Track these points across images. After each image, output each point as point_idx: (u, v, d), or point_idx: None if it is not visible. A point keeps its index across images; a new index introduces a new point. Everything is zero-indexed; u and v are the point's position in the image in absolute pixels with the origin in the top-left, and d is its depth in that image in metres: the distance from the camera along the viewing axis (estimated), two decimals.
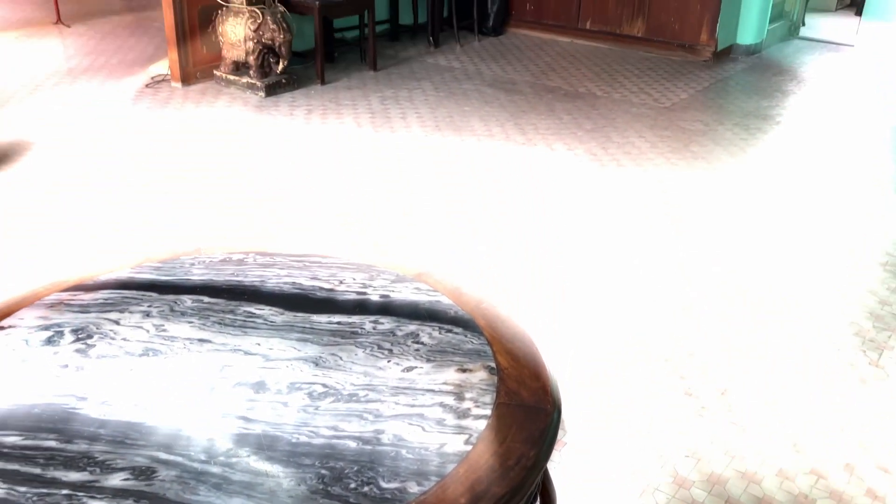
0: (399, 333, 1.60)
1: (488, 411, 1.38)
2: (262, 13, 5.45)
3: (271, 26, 5.45)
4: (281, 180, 4.28)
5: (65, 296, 1.67)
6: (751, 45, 6.98)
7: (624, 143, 4.93)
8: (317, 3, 5.75)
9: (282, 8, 5.60)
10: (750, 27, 6.93)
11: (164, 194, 4.05)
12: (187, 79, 5.72)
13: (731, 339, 2.95)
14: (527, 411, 1.41)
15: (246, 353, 1.51)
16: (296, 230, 3.74)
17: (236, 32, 5.55)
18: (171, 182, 4.20)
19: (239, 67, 5.76)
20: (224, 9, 5.58)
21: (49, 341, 1.52)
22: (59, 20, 7.20)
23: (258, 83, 5.60)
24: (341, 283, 1.78)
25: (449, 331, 1.62)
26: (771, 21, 7.11)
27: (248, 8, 5.45)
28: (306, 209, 3.95)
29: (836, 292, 3.30)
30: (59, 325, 1.57)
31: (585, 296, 3.25)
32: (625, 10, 7.06)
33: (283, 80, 5.71)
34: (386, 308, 1.69)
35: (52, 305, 1.63)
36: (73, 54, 6.42)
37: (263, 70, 5.63)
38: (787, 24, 7.56)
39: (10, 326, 1.56)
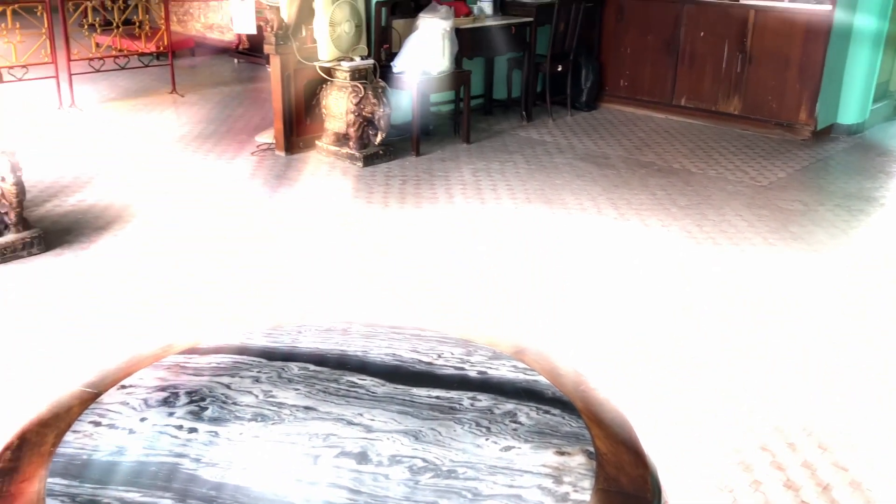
0: (497, 412, 1.61)
1: (587, 497, 1.37)
2: (364, 88, 5.69)
3: (372, 100, 5.68)
4: (376, 249, 4.40)
5: (180, 359, 1.76)
6: (853, 125, 6.83)
7: (720, 221, 4.86)
8: (415, 79, 5.97)
9: (382, 83, 5.84)
10: (852, 106, 6.79)
11: (268, 260, 4.22)
12: (291, 148, 6.00)
13: (842, 415, 2.83)
14: (626, 499, 1.40)
15: (349, 422, 1.55)
16: (391, 299, 3.82)
17: (339, 106, 5.80)
18: (276, 248, 4.38)
19: (339, 139, 6.01)
20: (328, 83, 5.86)
21: (165, 402, 1.61)
22: (174, 90, 7.69)
23: (357, 154, 5.81)
24: (440, 356, 1.81)
25: (547, 412, 1.62)
26: (875, 101, 6.95)
27: (351, 83, 5.71)
28: (401, 277, 4.04)
29: None
30: (174, 387, 1.65)
31: (686, 378, 3.18)
32: (721, 87, 7.05)
33: (381, 152, 5.91)
34: (484, 385, 1.71)
35: (168, 367, 1.73)
36: (186, 122, 6.83)
37: (362, 141, 5.84)
38: (891, 104, 7.37)
39: (130, 386, 1.66)
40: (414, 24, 6.15)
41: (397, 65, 6.12)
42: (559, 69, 7.19)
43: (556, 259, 4.31)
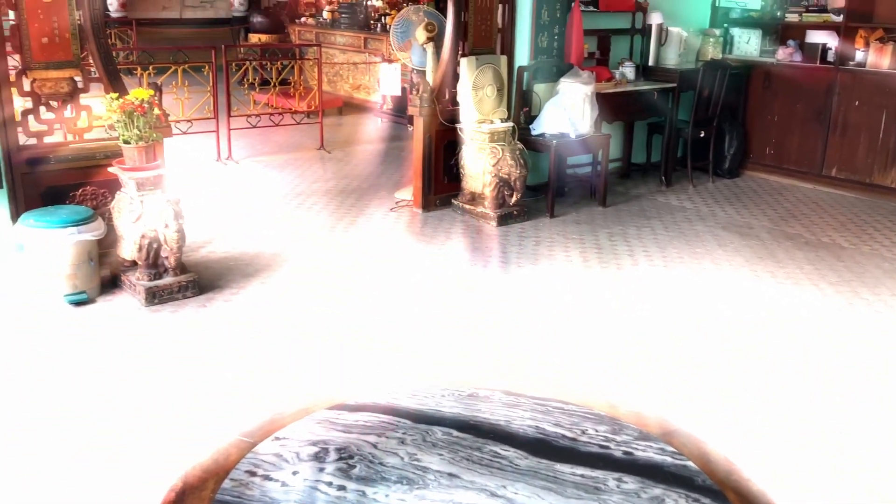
0: (644, 496, 1.56)
1: None
2: (502, 149, 5.78)
3: (509, 162, 5.77)
4: (509, 310, 4.40)
5: (330, 414, 1.82)
6: None
7: (874, 301, 4.56)
8: (553, 142, 6.01)
9: (520, 145, 5.92)
10: None
11: (407, 316, 4.31)
12: (428, 205, 6.15)
13: None
14: None
15: (492, 494, 1.55)
16: (527, 363, 3.80)
17: (476, 166, 5.92)
18: (413, 304, 4.47)
19: (475, 198, 6.11)
20: (468, 144, 5.99)
21: (316, 457, 1.66)
22: (322, 146, 8.09)
23: (492, 213, 5.88)
24: (583, 432, 1.78)
25: (696, 500, 1.55)
26: None
27: (490, 145, 5.81)
28: (536, 340, 4.02)
29: None
30: (325, 443, 1.70)
31: (843, 472, 2.97)
32: (877, 158, 6.68)
33: (515, 212, 5.96)
34: (630, 466, 1.66)
35: (319, 422, 1.78)
36: (331, 177, 7.15)
37: (498, 201, 5.91)
38: None
39: (284, 438, 1.72)
40: (555, 89, 6.23)
41: (536, 127, 6.19)
42: (701, 135, 7.06)
43: (697, 331, 4.17)
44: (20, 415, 3.24)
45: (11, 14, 4.41)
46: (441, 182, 6.20)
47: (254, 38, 11.72)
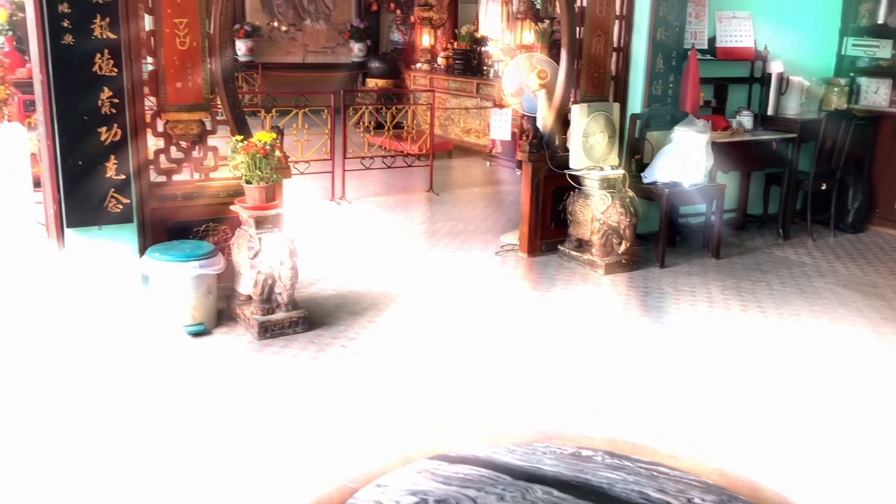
0: None
1: None
2: (612, 197, 5.71)
3: (618, 209, 5.69)
4: (613, 361, 4.31)
5: (431, 464, 1.82)
6: None
7: None
8: (666, 191, 5.90)
9: (630, 193, 5.83)
10: None
11: (510, 364, 4.29)
12: (533, 251, 6.13)
13: None
14: None
15: None
16: (634, 417, 3.69)
17: (585, 213, 5.87)
18: (517, 351, 4.45)
19: (582, 244, 6.05)
20: (576, 190, 5.96)
21: None
22: (430, 188, 8.23)
23: (599, 261, 5.80)
24: (689, 501, 1.71)
25: None
26: None
27: (599, 191, 5.76)
28: (642, 394, 3.91)
29: None
30: (424, 493, 1.71)
31: None
32: None
33: (623, 261, 5.86)
34: None
35: (419, 472, 1.79)
36: (439, 218, 7.25)
37: (605, 249, 5.83)
38: None
39: (384, 485, 1.74)
40: (669, 137, 6.13)
41: (648, 175, 6.09)
42: (823, 187, 6.76)
43: (816, 396, 3.95)
44: (132, 435, 3.40)
45: (149, 59, 4.73)
46: (548, 227, 6.18)
47: (371, 82, 12.12)
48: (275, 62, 13.59)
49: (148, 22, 4.58)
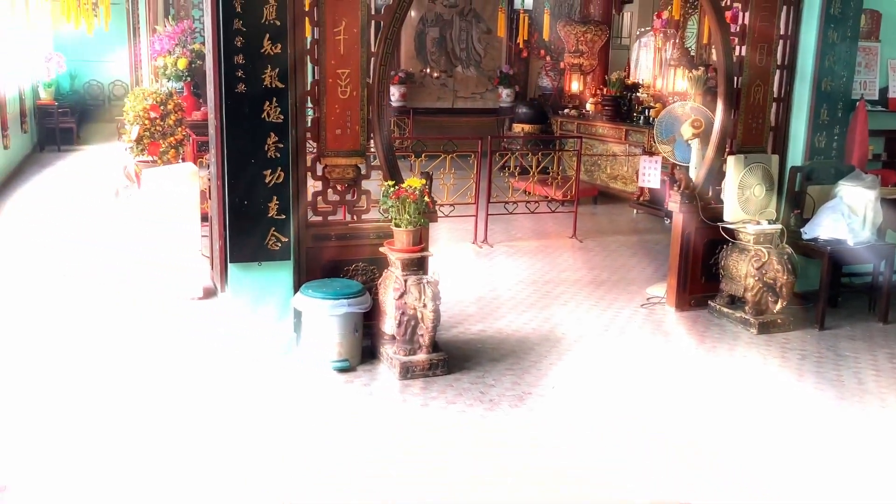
0: None
1: None
2: (768, 253, 5.44)
3: (775, 266, 5.40)
4: (773, 432, 4.06)
5: None
6: None
7: None
8: (828, 248, 5.55)
9: (788, 249, 5.53)
10: None
11: (654, 426, 4.14)
12: (681, 305, 5.91)
13: None
14: None
15: None
16: (781, 498, 3.46)
17: (738, 268, 5.62)
18: (660, 410, 4.29)
19: (734, 301, 5.78)
20: (730, 244, 5.72)
21: None
22: (574, 235, 8.16)
23: (752, 320, 5.51)
24: None
25: None
26: None
27: (755, 246, 5.50)
28: (793, 473, 3.65)
29: None
30: None
31: None
32: None
33: (779, 321, 5.54)
34: None
35: None
36: (581, 266, 7.16)
37: (759, 307, 5.54)
38: None
39: None
40: (833, 191, 5.79)
41: (809, 231, 5.77)
42: None
43: None
44: (276, 466, 3.53)
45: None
46: (698, 281, 5.96)
47: (518, 127, 12.24)
48: (425, 107, 14.02)
49: (312, 72, 4.86)
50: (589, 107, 11.50)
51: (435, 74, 14.53)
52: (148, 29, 12.00)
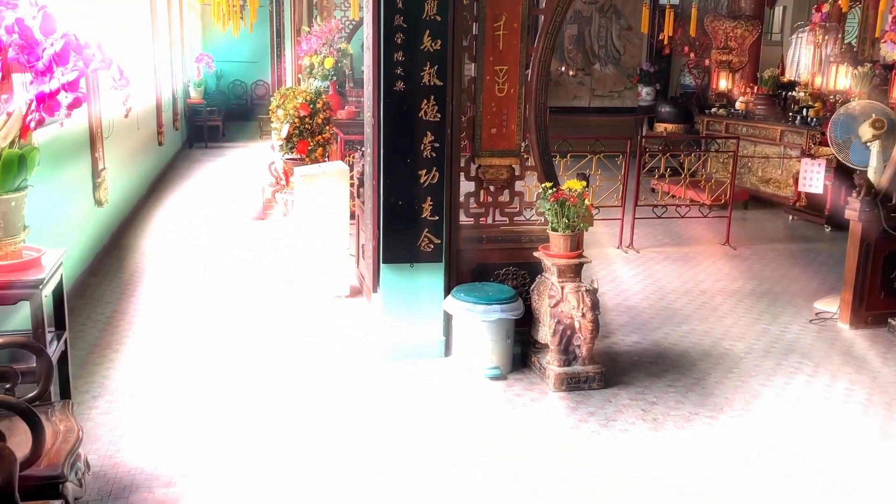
0: None
1: None
2: None
3: None
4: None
5: None
6: None
7: None
8: None
9: None
10: None
11: (830, 462, 3.75)
12: (857, 322, 5.40)
13: None
14: None
15: None
16: None
17: None
18: (836, 445, 3.89)
19: None
20: None
21: None
22: (727, 242, 7.68)
23: None
24: None
25: None
26: None
27: None
28: None
29: None
30: None
31: None
32: None
33: None
34: None
35: None
36: (738, 276, 6.70)
37: None
38: None
39: None
40: None
41: None
42: None
43: None
44: (423, 469, 3.40)
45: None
46: (877, 297, 5.42)
47: (660, 127, 11.75)
48: (561, 106, 13.71)
49: (468, 69, 4.72)
50: (739, 105, 10.86)
51: (571, 73, 14.20)
52: (292, 30, 12.32)
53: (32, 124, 2.93)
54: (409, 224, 4.53)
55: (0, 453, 2.04)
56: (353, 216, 6.15)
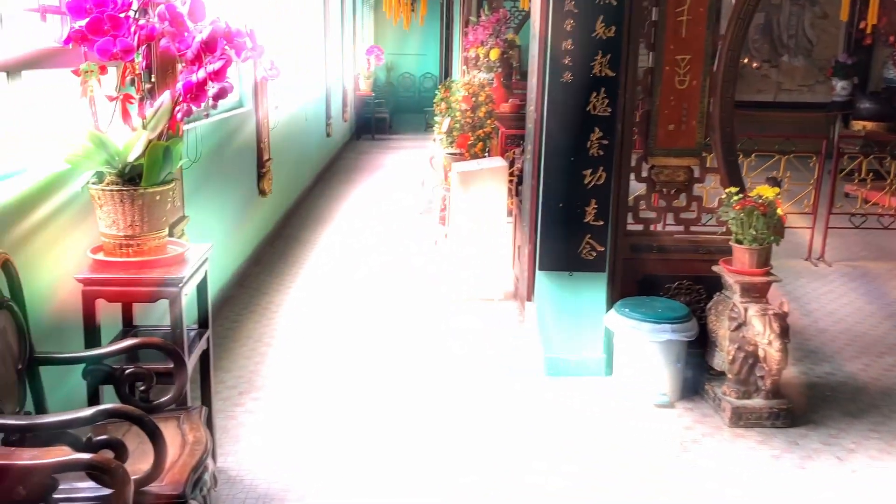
0: None
1: None
2: None
3: None
4: None
5: None
6: None
7: None
8: None
9: None
10: None
11: None
12: None
13: None
14: None
15: None
16: None
17: None
18: None
19: None
20: None
21: None
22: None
23: None
24: None
25: None
26: None
27: None
28: None
29: None
30: None
31: None
32: None
33: None
34: None
35: None
36: None
37: None
38: None
39: None
40: None
41: None
42: None
43: None
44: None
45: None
46: None
47: (857, 124, 10.55)
48: (742, 100, 12.63)
49: (641, 60, 4.24)
50: None
51: (755, 65, 13.10)
52: (461, 21, 12.16)
53: (180, 115, 2.82)
54: (569, 228, 4.14)
55: (113, 472, 1.87)
56: (510, 214, 5.83)
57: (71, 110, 3.13)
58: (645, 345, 3.96)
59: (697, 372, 4.18)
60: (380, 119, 14.94)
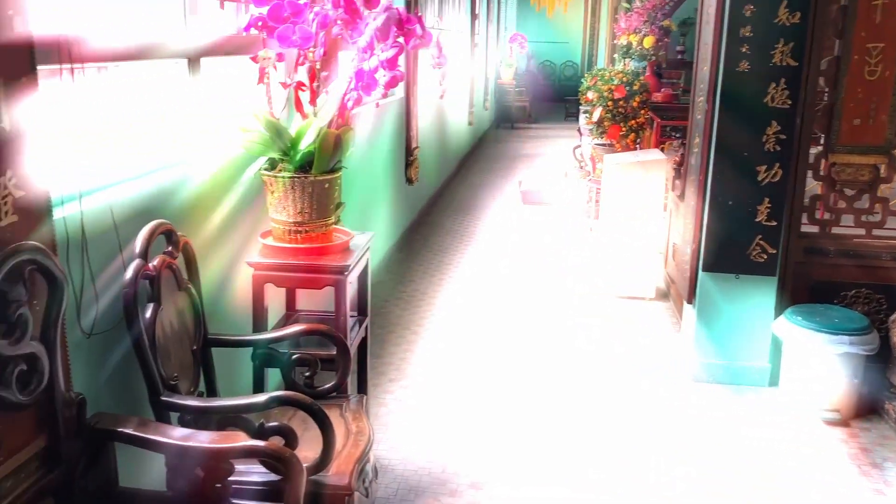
0: None
1: None
2: None
3: None
4: None
5: None
6: None
7: None
8: None
9: None
10: None
11: None
12: None
13: None
14: None
15: None
16: None
17: None
18: None
19: None
20: None
21: None
22: None
23: None
24: None
25: None
26: None
27: None
28: None
29: None
30: None
31: None
32: None
33: None
34: None
35: None
36: None
37: None
38: None
39: None
40: None
41: None
42: None
43: None
44: None
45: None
46: None
47: None
48: None
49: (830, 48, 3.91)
50: None
51: None
52: (609, 8, 11.81)
53: (350, 103, 2.82)
54: (739, 228, 3.88)
55: (287, 462, 1.87)
56: (665, 210, 5.58)
57: (239, 98, 3.20)
58: (819, 356, 3.66)
59: (876, 389, 3.82)
60: (519, 108, 14.80)
